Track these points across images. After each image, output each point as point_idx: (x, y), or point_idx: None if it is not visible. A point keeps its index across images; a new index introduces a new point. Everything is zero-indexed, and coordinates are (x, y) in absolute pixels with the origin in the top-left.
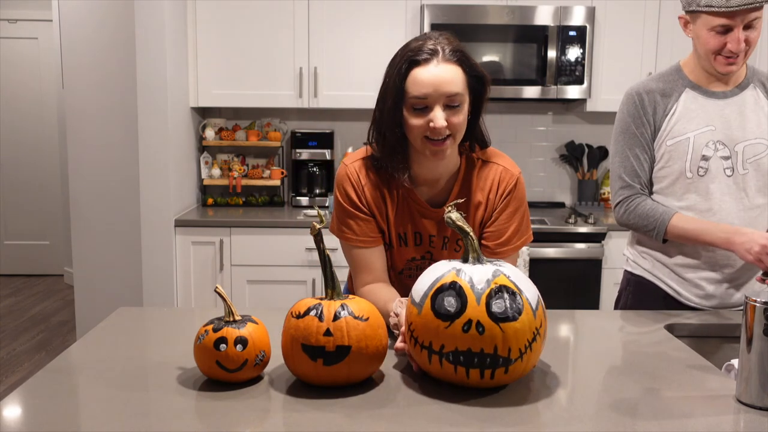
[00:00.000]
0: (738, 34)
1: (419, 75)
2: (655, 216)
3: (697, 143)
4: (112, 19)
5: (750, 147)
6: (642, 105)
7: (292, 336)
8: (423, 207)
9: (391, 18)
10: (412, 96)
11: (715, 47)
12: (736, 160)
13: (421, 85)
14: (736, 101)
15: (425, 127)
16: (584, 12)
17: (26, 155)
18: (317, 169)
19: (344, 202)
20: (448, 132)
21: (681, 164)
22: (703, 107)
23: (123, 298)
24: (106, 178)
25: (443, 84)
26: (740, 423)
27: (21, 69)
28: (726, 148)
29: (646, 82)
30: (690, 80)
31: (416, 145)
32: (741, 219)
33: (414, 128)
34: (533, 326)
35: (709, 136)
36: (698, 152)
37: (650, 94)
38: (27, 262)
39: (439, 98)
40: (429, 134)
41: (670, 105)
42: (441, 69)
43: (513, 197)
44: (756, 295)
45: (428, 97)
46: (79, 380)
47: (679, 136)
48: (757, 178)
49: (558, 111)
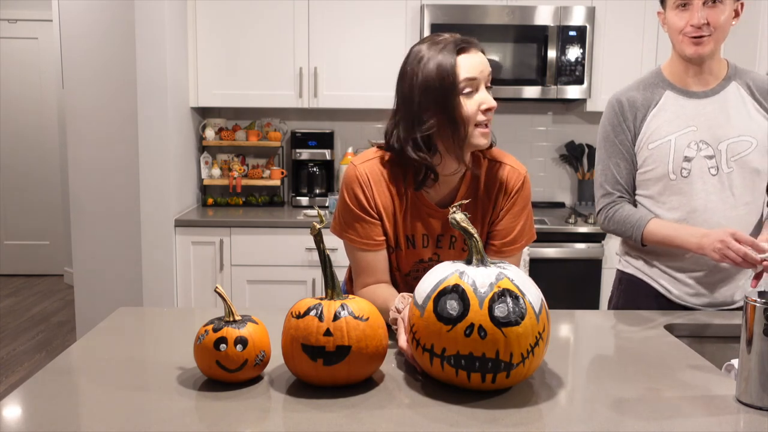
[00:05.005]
0: (698, 11)
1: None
2: (632, 222)
3: (679, 145)
4: (112, 19)
5: (733, 144)
6: (622, 112)
7: (292, 336)
8: (431, 208)
9: (391, 18)
10: (464, 79)
11: (679, 26)
12: (720, 158)
13: (472, 68)
14: (717, 99)
15: (477, 111)
16: (584, 12)
17: (26, 155)
18: (317, 169)
19: (351, 203)
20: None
21: (663, 167)
22: (684, 108)
23: (123, 298)
24: (106, 178)
25: (486, 66)
26: (740, 423)
27: (21, 69)
28: (709, 147)
29: (627, 89)
30: (670, 82)
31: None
32: (728, 218)
33: (470, 114)
34: (536, 330)
35: (691, 137)
36: (680, 154)
37: (630, 101)
38: (27, 262)
39: (484, 79)
40: (485, 118)
41: (650, 109)
42: (480, 55)
43: (520, 196)
44: (756, 295)
45: (476, 79)
46: (79, 380)
47: (660, 139)
48: (743, 176)
49: (558, 111)
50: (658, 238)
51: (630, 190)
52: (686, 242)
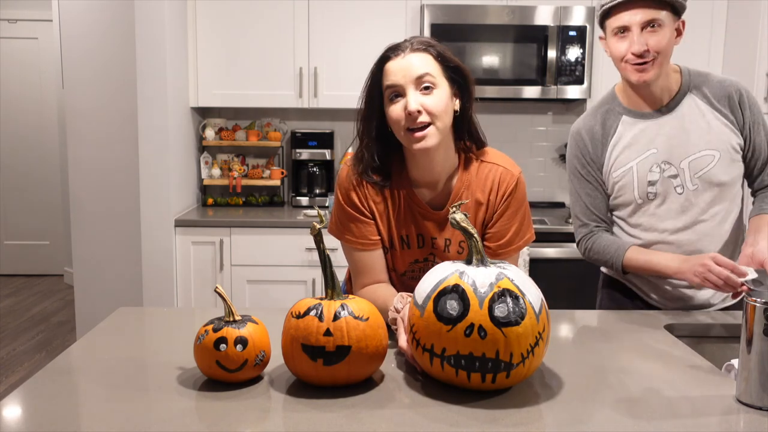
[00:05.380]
0: (635, 36)
1: (390, 67)
2: (611, 252)
3: (641, 171)
4: (112, 19)
5: (696, 161)
6: (583, 145)
7: (292, 336)
8: (424, 209)
9: (391, 18)
10: (385, 87)
11: (620, 53)
12: (684, 176)
13: (392, 74)
14: (675, 116)
15: (403, 116)
16: (584, 12)
17: (26, 155)
18: (317, 169)
19: (345, 203)
20: (428, 119)
21: (630, 194)
22: (643, 131)
23: (123, 298)
24: (107, 178)
25: (412, 68)
26: (740, 423)
27: (21, 69)
28: (672, 166)
29: (585, 118)
30: (624, 106)
31: (403, 141)
32: (698, 232)
33: (394, 120)
34: (536, 330)
35: (653, 160)
36: (643, 179)
37: (590, 132)
38: (27, 262)
39: (410, 82)
40: (408, 124)
41: (609, 138)
42: (409, 57)
43: (514, 198)
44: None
45: (399, 84)
46: (79, 380)
47: (622, 167)
48: (710, 191)
49: (558, 111)
50: (638, 265)
51: (605, 218)
52: (666, 267)
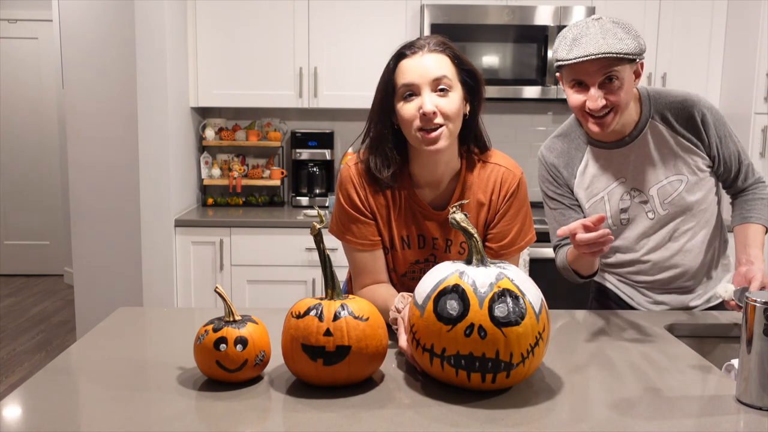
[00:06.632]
0: (593, 92)
1: (406, 65)
2: (561, 266)
3: (612, 200)
4: (112, 19)
5: (663, 188)
6: (552, 171)
7: (292, 336)
8: (425, 209)
9: (391, 18)
10: (401, 85)
11: (576, 105)
12: (653, 203)
13: (408, 73)
14: (638, 144)
15: (416, 115)
16: (584, 12)
17: (26, 155)
18: (317, 169)
19: (346, 204)
20: (441, 120)
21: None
22: (609, 161)
23: (123, 298)
24: (107, 178)
25: (429, 69)
26: (740, 423)
27: (21, 69)
28: (641, 193)
29: (551, 143)
30: (588, 136)
31: (413, 141)
32: (672, 249)
33: (406, 119)
34: (536, 330)
35: (622, 189)
36: (615, 207)
37: (559, 158)
38: (27, 262)
39: (426, 83)
40: (421, 124)
41: (576, 168)
42: (427, 57)
43: (516, 199)
44: (756, 295)
45: (415, 84)
46: (79, 380)
47: (593, 197)
48: (682, 214)
49: (558, 111)
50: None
51: None
52: (572, 254)
